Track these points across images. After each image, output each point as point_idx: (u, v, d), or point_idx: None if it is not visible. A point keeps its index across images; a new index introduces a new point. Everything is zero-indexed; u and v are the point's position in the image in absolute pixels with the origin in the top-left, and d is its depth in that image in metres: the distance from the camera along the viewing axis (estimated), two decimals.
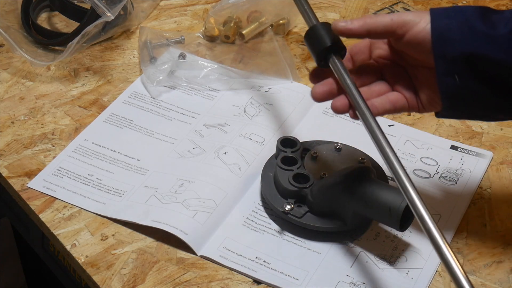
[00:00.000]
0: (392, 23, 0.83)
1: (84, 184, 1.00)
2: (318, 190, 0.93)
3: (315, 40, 0.85)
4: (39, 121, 1.09)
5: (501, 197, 1.01)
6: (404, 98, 0.87)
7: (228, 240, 0.94)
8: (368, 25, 0.83)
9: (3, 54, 1.19)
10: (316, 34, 0.85)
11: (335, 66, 0.84)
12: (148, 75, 1.14)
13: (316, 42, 0.85)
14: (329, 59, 0.84)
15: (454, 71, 0.81)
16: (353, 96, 0.82)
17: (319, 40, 0.84)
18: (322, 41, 0.84)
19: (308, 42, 0.86)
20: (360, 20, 0.83)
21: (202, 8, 1.30)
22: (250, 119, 1.09)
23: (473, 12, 0.82)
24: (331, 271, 0.91)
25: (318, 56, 0.84)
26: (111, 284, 0.89)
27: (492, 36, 0.80)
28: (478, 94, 0.82)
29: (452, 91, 0.83)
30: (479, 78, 0.81)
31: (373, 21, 0.83)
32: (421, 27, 0.82)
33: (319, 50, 0.84)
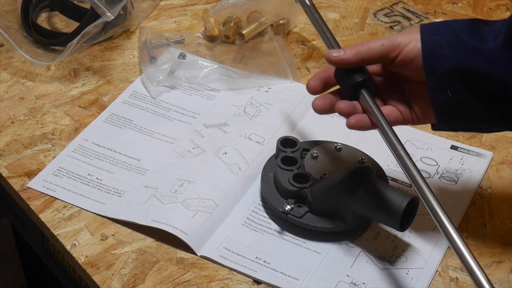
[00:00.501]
0: (384, 48, 0.84)
1: (84, 184, 1.00)
2: (318, 190, 0.93)
3: (345, 76, 0.86)
4: (39, 121, 1.09)
5: (501, 197, 1.01)
6: (398, 112, 0.88)
7: (228, 240, 0.94)
8: (361, 54, 0.84)
9: (3, 54, 1.19)
10: (346, 70, 0.86)
11: (364, 100, 0.85)
12: (148, 75, 1.14)
13: (346, 77, 0.86)
14: (359, 94, 0.85)
15: (446, 86, 0.82)
16: (383, 129, 0.84)
17: (349, 75, 0.86)
18: (352, 76, 0.85)
19: (338, 77, 0.87)
20: (352, 50, 0.84)
21: (202, 8, 1.30)
22: (250, 119, 1.09)
23: (463, 26, 0.83)
24: (331, 271, 0.91)
25: (348, 91, 0.86)
26: (111, 284, 0.89)
27: (481, 50, 0.81)
28: (471, 107, 0.83)
29: (445, 106, 0.83)
30: (471, 91, 0.82)
31: (365, 49, 0.84)
32: (411, 47, 0.83)
33: (349, 85, 0.86)
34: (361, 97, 0.85)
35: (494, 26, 0.82)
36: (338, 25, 1.27)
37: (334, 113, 1.11)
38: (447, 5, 1.33)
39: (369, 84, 0.85)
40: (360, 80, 0.85)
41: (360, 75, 0.85)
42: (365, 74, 0.85)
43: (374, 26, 1.28)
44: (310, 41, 1.24)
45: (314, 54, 1.21)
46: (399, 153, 0.82)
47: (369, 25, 1.28)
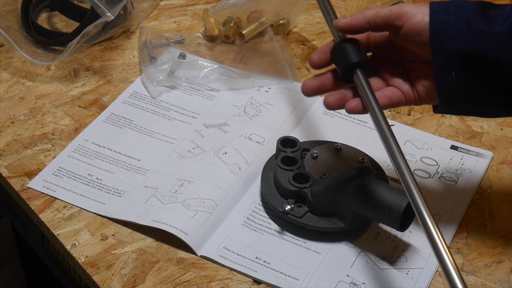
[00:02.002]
0: (391, 14, 0.83)
1: (84, 184, 1.00)
2: (318, 190, 0.93)
3: (341, 56, 0.85)
4: (39, 121, 1.09)
5: (501, 197, 1.01)
6: (400, 92, 0.87)
7: (228, 240, 0.94)
8: (368, 17, 0.84)
9: (3, 54, 1.19)
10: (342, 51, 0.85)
11: (358, 81, 0.84)
12: (148, 75, 1.14)
13: (341, 57, 0.85)
14: (353, 74, 0.84)
15: (451, 67, 0.82)
16: (374, 115, 0.83)
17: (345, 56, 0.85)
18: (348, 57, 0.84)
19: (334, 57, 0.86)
20: (359, 14, 0.84)
21: (202, 8, 1.30)
22: (250, 119, 1.09)
23: (472, 8, 0.82)
24: (331, 271, 0.91)
25: (343, 71, 0.85)
26: (111, 284, 0.89)
27: (489, 34, 0.80)
28: (475, 90, 0.83)
29: (448, 87, 0.83)
30: (475, 75, 0.82)
31: (373, 13, 0.84)
32: (418, 18, 0.82)
33: (344, 65, 0.85)
34: (355, 77, 0.84)
35: (502, 10, 0.82)
36: None
37: (334, 113, 1.12)
38: None
39: (364, 65, 0.84)
40: (356, 61, 0.84)
41: (355, 55, 0.84)
42: (360, 55, 0.84)
43: None
44: (310, 41, 1.24)
45: None
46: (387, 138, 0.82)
47: None
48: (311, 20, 1.28)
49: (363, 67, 0.84)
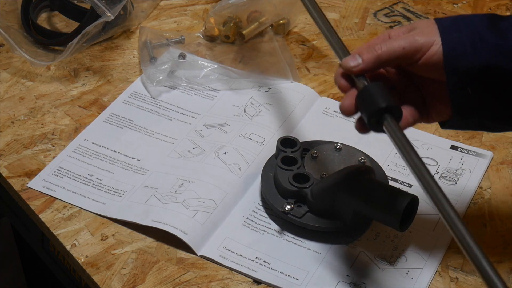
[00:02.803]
0: (405, 52, 0.80)
1: (84, 184, 1.00)
2: (318, 190, 0.93)
3: (368, 101, 0.78)
4: (39, 121, 1.09)
5: (501, 197, 1.01)
6: (414, 112, 0.84)
7: (228, 240, 0.94)
8: (381, 60, 0.80)
9: (3, 54, 1.19)
10: (369, 94, 0.78)
11: (390, 131, 0.77)
12: (148, 75, 1.14)
13: (370, 101, 0.78)
14: (384, 122, 0.77)
15: (467, 84, 0.80)
16: (412, 163, 0.75)
17: (372, 100, 0.77)
18: (375, 102, 0.77)
19: (359, 103, 0.79)
20: (370, 55, 0.80)
21: (202, 8, 1.30)
22: (250, 119, 1.09)
23: (481, 22, 0.80)
24: (331, 271, 0.91)
25: (370, 117, 0.78)
26: (111, 284, 0.89)
27: (503, 47, 0.79)
28: (490, 105, 0.81)
29: (464, 104, 0.81)
30: (492, 90, 0.80)
31: (386, 54, 0.80)
32: (434, 50, 0.80)
33: (371, 111, 0.77)
34: (385, 124, 0.77)
35: (510, 21, 0.81)
36: (338, 25, 1.27)
37: (334, 113, 1.12)
38: (447, 5, 1.33)
39: (394, 110, 0.77)
40: (384, 106, 0.77)
41: (383, 99, 0.77)
42: (389, 99, 0.77)
43: (374, 26, 1.28)
44: (310, 41, 1.24)
45: (314, 54, 1.21)
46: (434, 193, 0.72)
47: (369, 25, 1.28)
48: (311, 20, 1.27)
49: (392, 112, 0.77)
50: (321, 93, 1.15)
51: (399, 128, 0.77)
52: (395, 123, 0.77)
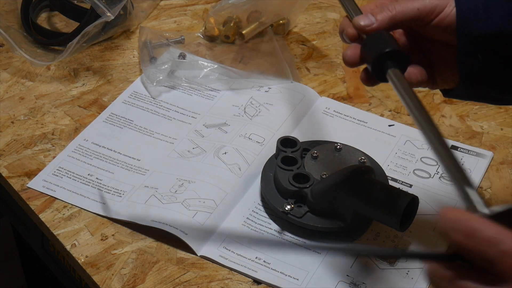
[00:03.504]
0: (420, 13, 0.78)
1: (84, 184, 1.00)
2: (318, 190, 0.93)
3: (372, 47, 0.76)
4: (39, 121, 1.09)
5: (501, 197, 1.01)
6: (422, 71, 0.82)
7: (228, 240, 0.94)
8: (395, 20, 0.78)
9: (3, 54, 1.19)
10: (373, 41, 0.77)
11: (393, 78, 0.75)
12: (148, 75, 1.14)
13: (374, 46, 0.76)
14: (387, 70, 0.76)
15: (477, 50, 0.78)
16: (416, 118, 0.72)
17: (376, 46, 0.75)
18: (379, 47, 0.75)
19: (364, 50, 0.77)
20: (384, 15, 0.78)
21: (202, 8, 1.30)
22: (250, 119, 1.09)
23: None
24: (331, 271, 0.91)
25: (373, 63, 0.75)
26: (111, 284, 0.89)
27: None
28: (499, 74, 0.79)
29: (472, 71, 0.79)
30: (503, 58, 0.78)
31: (400, 15, 0.78)
32: (447, 12, 0.78)
33: (375, 56, 0.75)
34: (388, 73, 0.75)
35: None
36: (338, 25, 1.27)
37: (334, 113, 1.12)
38: None
39: (398, 56, 0.75)
40: (387, 50, 0.74)
41: (387, 44, 0.75)
42: (393, 44, 0.75)
43: None
44: (310, 41, 1.24)
45: (314, 54, 1.21)
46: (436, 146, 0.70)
47: None
48: (311, 20, 1.28)
49: (397, 59, 0.75)
50: (321, 93, 1.14)
51: (402, 76, 0.75)
52: (399, 72, 0.75)
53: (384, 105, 1.13)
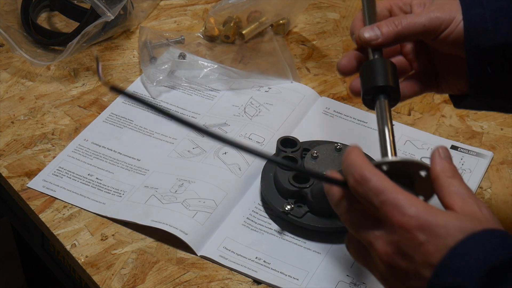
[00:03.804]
0: (425, 29, 0.78)
1: (84, 184, 1.00)
2: (318, 190, 0.93)
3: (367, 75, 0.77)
4: (39, 121, 1.09)
5: (501, 197, 1.01)
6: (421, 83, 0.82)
7: (228, 240, 0.94)
8: (400, 36, 0.78)
9: (3, 54, 1.19)
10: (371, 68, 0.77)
11: (378, 111, 0.76)
12: (148, 75, 1.14)
13: (368, 76, 0.77)
14: (377, 101, 0.77)
15: (487, 62, 0.78)
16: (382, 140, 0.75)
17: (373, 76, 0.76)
18: (374, 78, 0.76)
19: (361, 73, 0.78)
20: (390, 29, 0.78)
21: (202, 8, 1.30)
22: (250, 119, 1.09)
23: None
24: (331, 271, 0.91)
25: (364, 93, 0.77)
26: (111, 284, 0.89)
27: None
28: (509, 84, 0.79)
29: (482, 82, 0.79)
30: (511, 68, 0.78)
31: (406, 30, 0.78)
32: (453, 28, 0.78)
33: (367, 87, 0.76)
34: (377, 104, 0.77)
35: None
36: (338, 25, 1.27)
37: (334, 113, 1.12)
38: None
39: (391, 91, 0.76)
40: (381, 85, 0.75)
41: (382, 78, 0.75)
42: (387, 79, 0.76)
43: None
44: (310, 41, 1.24)
45: (314, 54, 1.21)
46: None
47: None
48: (311, 20, 1.28)
49: (388, 92, 0.76)
50: (321, 93, 1.14)
51: (388, 109, 0.76)
52: (386, 104, 0.76)
53: None
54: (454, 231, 0.62)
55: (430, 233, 0.62)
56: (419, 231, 0.62)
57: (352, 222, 0.69)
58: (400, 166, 0.70)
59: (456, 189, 0.66)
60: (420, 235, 0.62)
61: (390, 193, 0.64)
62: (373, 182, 0.65)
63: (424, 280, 0.62)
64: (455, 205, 0.65)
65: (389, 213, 0.64)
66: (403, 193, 0.64)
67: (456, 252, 0.61)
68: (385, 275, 0.66)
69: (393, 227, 0.64)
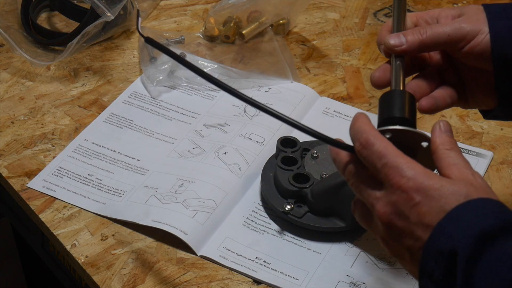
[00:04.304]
0: (450, 39, 0.78)
1: (84, 184, 1.00)
2: (318, 190, 0.93)
3: (384, 105, 0.77)
4: (39, 121, 1.09)
5: (501, 197, 1.00)
6: (452, 93, 0.82)
7: (228, 240, 0.94)
8: (425, 44, 0.78)
9: (3, 54, 1.19)
10: (388, 99, 0.77)
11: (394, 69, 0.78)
12: (148, 75, 1.14)
13: (384, 107, 0.76)
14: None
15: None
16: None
17: (388, 106, 0.76)
18: (389, 109, 0.75)
19: (380, 103, 0.78)
20: (415, 37, 0.78)
21: (202, 8, 1.30)
22: (250, 119, 1.09)
23: None
24: (331, 271, 0.91)
25: (379, 124, 0.76)
26: (111, 284, 0.89)
27: None
28: None
29: (510, 92, 0.80)
30: None
31: (431, 40, 0.78)
32: (479, 40, 0.78)
33: (381, 118, 0.75)
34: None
35: None
36: (338, 25, 1.27)
37: (334, 113, 1.12)
38: (447, 5, 1.33)
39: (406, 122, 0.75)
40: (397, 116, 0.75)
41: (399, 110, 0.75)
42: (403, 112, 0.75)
43: (374, 26, 1.28)
44: (310, 41, 1.24)
45: (314, 54, 1.21)
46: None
47: (369, 25, 1.28)
48: (311, 20, 1.28)
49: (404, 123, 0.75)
50: (321, 93, 1.15)
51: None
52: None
53: None
54: (448, 194, 0.65)
55: (425, 195, 0.65)
56: (415, 192, 0.65)
57: (357, 185, 0.71)
58: (403, 134, 0.73)
59: (454, 160, 0.69)
60: (416, 196, 0.65)
61: (391, 157, 0.67)
62: (376, 146, 0.69)
63: (419, 241, 0.65)
64: (452, 175, 0.68)
65: (389, 175, 0.67)
66: (403, 157, 0.67)
67: (450, 216, 0.64)
68: (384, 235, 0.69)
69: (392, 188, 0.67)
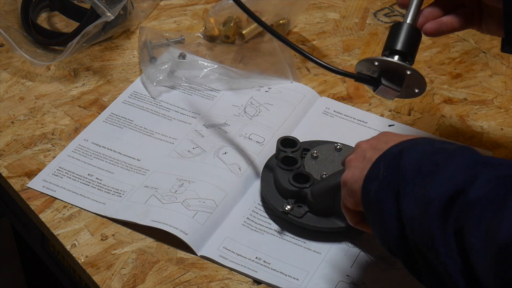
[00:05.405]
0: None
1: (84, 184, 1.00)
2: (318, 190, 0.93)
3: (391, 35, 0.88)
4: (39, 121, 1.09)
5: None
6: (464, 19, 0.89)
7: (228, 240, 0.94)
8: None
9: (3, 54, 1.19)
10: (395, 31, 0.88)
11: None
12: (148, 75, 1.14)
13: (390, 37, 0.87)
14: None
15: None
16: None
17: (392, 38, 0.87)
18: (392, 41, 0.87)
19: (389, 32, 0.89)
20: None
21: (202, 8, 1.30)
22: (250, 119, 1.09)
23: None
24: (331, 271, 0.91)
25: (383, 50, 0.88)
26: (111, 284, 0.89)
27: None
28: None
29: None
30: None
31: None
32: None
33: (386, 46, 0.88)
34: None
35: None
36: (338, 25, 1.27)
37: (334, 113, 1.12)
38: None
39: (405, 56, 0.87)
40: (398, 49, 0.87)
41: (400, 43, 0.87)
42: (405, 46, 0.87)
43: (374, 26, 1.28)
44: (310, 41, 1.24)
45: (314, 54, 1.21)
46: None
47: (369, 25, 1.28)
48: (311, 20, 1.28)
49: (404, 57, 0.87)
50: (321, 93, 1.15)
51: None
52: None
53: (384, 105, 1.13)
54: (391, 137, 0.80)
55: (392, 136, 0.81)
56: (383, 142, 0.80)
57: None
58: (388, 64, 0.87)
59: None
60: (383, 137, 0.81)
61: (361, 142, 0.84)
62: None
63: (379, 151, 0.77)
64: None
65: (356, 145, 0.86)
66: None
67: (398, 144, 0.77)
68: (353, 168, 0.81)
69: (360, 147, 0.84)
